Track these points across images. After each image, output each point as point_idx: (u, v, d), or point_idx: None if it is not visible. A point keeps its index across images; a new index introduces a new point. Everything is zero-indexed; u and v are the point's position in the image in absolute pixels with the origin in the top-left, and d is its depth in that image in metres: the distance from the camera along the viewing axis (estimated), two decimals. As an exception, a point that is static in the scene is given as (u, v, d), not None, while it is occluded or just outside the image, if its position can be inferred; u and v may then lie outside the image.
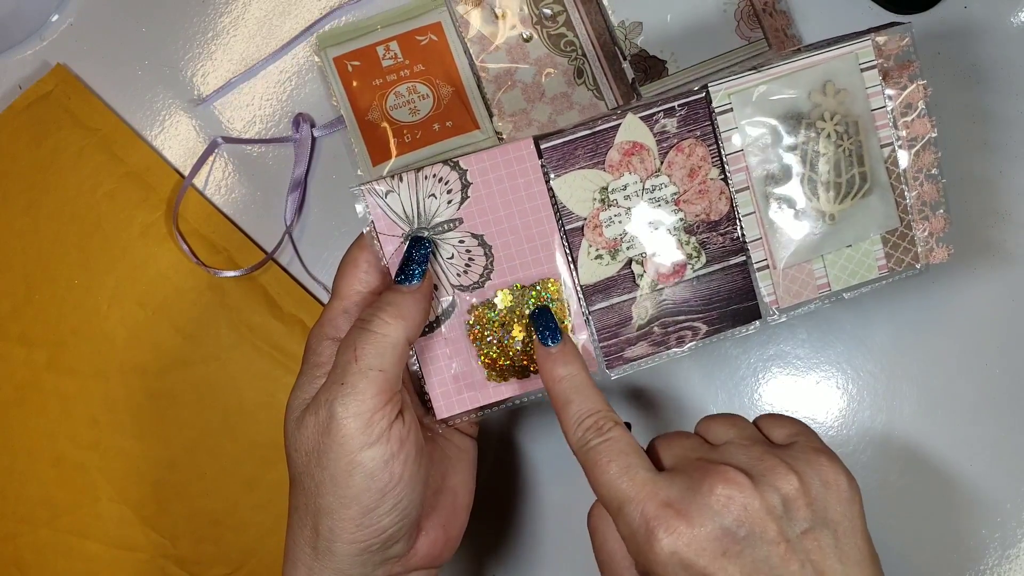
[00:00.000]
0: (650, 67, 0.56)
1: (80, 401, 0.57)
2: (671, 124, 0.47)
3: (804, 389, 0.57)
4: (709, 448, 0.43)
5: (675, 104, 0.46)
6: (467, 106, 0.56)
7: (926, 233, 0.49)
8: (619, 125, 0.46)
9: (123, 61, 0.58)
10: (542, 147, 0.46)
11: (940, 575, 0.56)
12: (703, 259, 0.48)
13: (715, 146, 0.47)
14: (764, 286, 0.48)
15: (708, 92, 0.47)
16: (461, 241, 0.46)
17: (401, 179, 0.45)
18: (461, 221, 0.46)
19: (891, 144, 0.48)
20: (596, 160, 0.47)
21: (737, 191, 0.47)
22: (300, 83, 0.58)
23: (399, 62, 0.56)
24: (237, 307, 0.57)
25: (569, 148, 0.46)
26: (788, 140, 0.47)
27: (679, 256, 0.47)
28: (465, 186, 0.46)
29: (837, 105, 0.47)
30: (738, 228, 0.48)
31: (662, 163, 0.47)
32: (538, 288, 0.47)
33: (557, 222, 0.47)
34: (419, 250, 0.44)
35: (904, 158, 0.48)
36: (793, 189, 0.47)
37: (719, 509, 0.39)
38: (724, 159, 0.47)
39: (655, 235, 0.47)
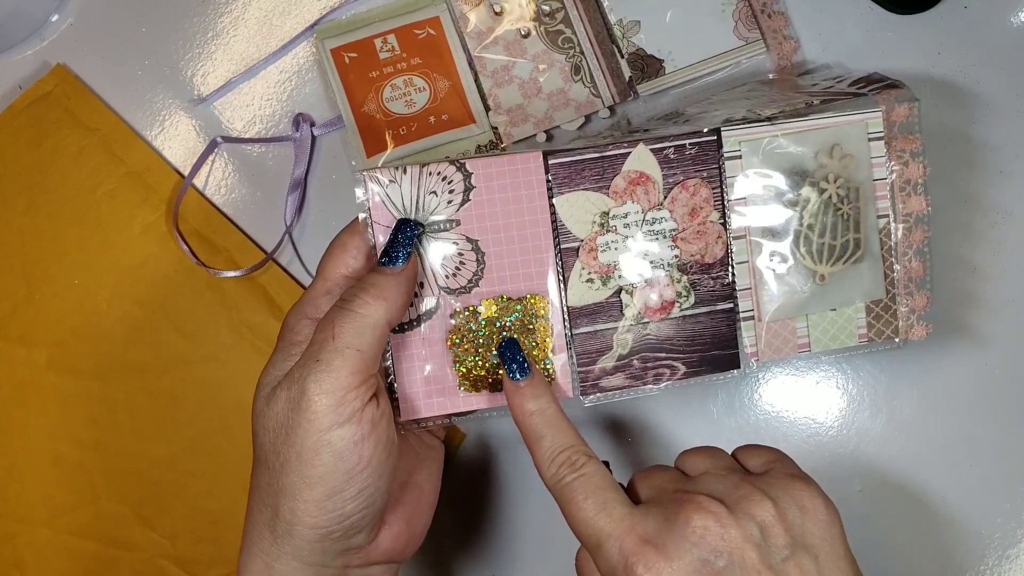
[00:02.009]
0: (647, 65, 0.56)
1: (80, 401, 0.57)
2: (680, 160, 0.47)
3: (804, 389, 0.57)
4: (686, 480, 0.43)
5: (686, 142, 0.47)
6: (463, 100, 0.56)
7: (907, 309, 0.50)
8: (629, 153, 0.47)
9: (123, 61, 0.58)
10: (550, 162, 0.46)
11: (940, 575, 0.56)
12: (692, 299, 0.48)
13: (719, 190, 0.48)
14: (747, 336, 0.48)
15: (720, 136, 0.47)
16: (455, 243, 0.46)
17: (405, 171, 0.45)
18: (458, 223, 0.46)
19: (887, 216, 0.49)
20: (601, 184, 0.47)
21: (734, 237, 0.48)
22: (300, 83, 0.58)
23: (396, 55, 0.56)
24: (237, 307, 0.57)
25: (576, 168, 0.47)
26: (790, 195, 0.48)
27: (669, 293, 0.48)
28: (468, 189, 0.46)
29: (842, 169, 0.48)
30: (730, 274, 0.48)
31: (665, 198, 0.47)
32: (525, 303, 0.46)
33: (554, 239, 0.47)
34: (406, 232, 0.44)
35: (897, 232, 0.49)
36: (788, 244, 0.48)
37: (696, 540, 0.39)
38: (726, 204, 0.48)
39: (648, 268, 0.47)
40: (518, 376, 0.44)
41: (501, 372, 0.45)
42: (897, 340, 0.50)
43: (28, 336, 0.57)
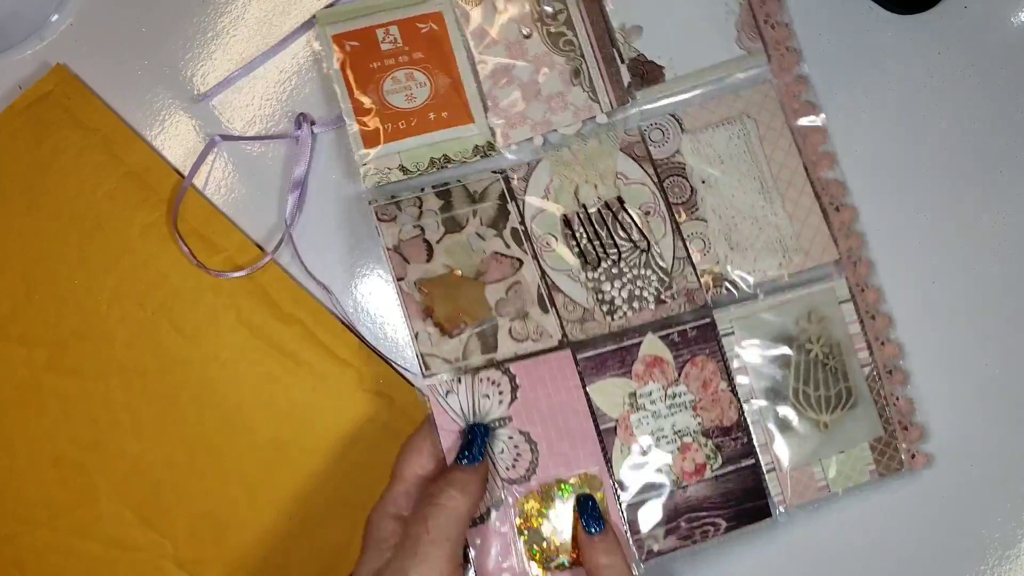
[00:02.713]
0: (647, 72, 0.56)
1: (80, 401, 0.57)
2: (685, 343, 0.54)
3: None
4: None
5: (687, 327, 0.54)
6: (463, 98, 0.56)
7: (905, 443, 0.55)
8: (641, 342, 0.54)
9: (123, 61, 0.58)
10: (579, 357, 0.53)
11: (940, 574, 0.56)
12: (719, 460, 0.54)
13: (723, 362, 0.54)
14: (772, 486, 0.54)
15: (714, 318, 0.54)
16: (510, 437, 0.52)
17: (460, 380, 0.52)
18: (510, 419, 0.52)
19: (870, 364, 0.55)
20: (624, 370, 0.54)
21: (744, 401, 0.54)
22: (300, 83, 0.58)
23: (398, 47, 0.56)
24: (237, 307, 0.57)
25: (602, 359, 0.54)
26: (783, 359, 0.55)
27: (699, 457, 0.54)
28: (514, 388, 0.52)
29: (821, 330, 0.55)
30: (747, 434, 0.54)
31: (680, 374, 0.54)
32: (579, 483, 0.52)
33: (594, 423, 0.53)
34: (480, 434, 0.50)
35: (880, 377, 0.55)
36: (790, 401, 0.55)
37: None
38: (731, 373, 0.54)
39: (678, 437, 0.53)
40: (593, 530, 0.49)
41: (577, 527, 0.50)
42: (902, 471, 0.55)
43: (28, 336, 0.57)
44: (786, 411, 0.54)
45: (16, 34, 0.58)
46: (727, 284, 0.55)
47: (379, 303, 0.57)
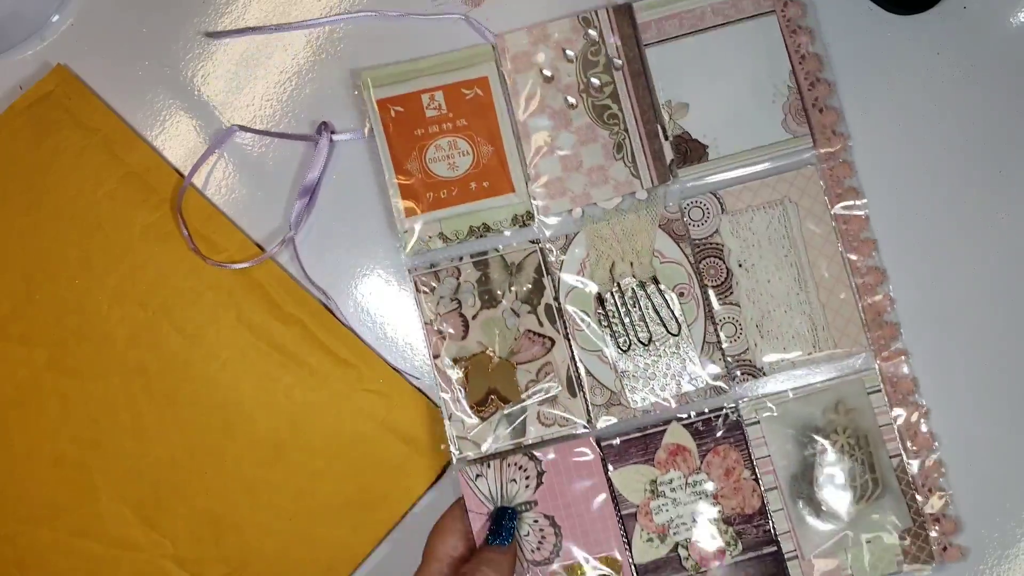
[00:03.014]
0: (690, 150, 0.56)
1: (80, 401, 0.57)
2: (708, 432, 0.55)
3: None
4: None
5: (711, 416, 0.55)
6: (505, 168, 0.56)
7: (937, 534, 0.54)
8: (665, 430, 0.55)
9: (123, 61, 0.58)
10: (603, 444, 0.55)
11: (940, 574, 0.56)
12: (739, 547, 0.54)
13: (746, 451, 0.55)
14: (795, 574, 0.54)
15: (739, 408, 0.55)
16: (535, 521, 0.54)
17: (488, 465, 0.54)
18: (536, 503, 0.54)
19: (899, 455, 0.55)
20: (647, 457, 0.55)
21: (767, 490, 0.55)
22: (300, 83, 0.58)
23: (442, 114, 0.56)
24: (237, 307, 0.57)
25: (625, 447, 0.55)
26: (807, 449, 0.55)
27: (719, 543, 0.54)
28: (540, 473, 0.54)
29: (848, 422, 0.55)
30: (769, 522, 0.55)
31: (702, 463, 0.55)
32: (600, 565, 0.54)
33: (615, 507, 0.54)
34: (510, 517, 0.53)
35: (912, 467, 0.55)
36: (814, 490, 0.54)
37: None
38: (754, 463, 0.55)
39: (698, 524, 0.54)
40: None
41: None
42: (933, 564, 0.55)
43: (28, 336, 0.57)
44: (810, 500, 0.54)
45: (17, 34, 0.58)
46: (755, 372, 0.55)
47: (379, 304, 0.57)
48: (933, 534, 0.54)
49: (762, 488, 0.55)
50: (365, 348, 0.57)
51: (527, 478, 0.54)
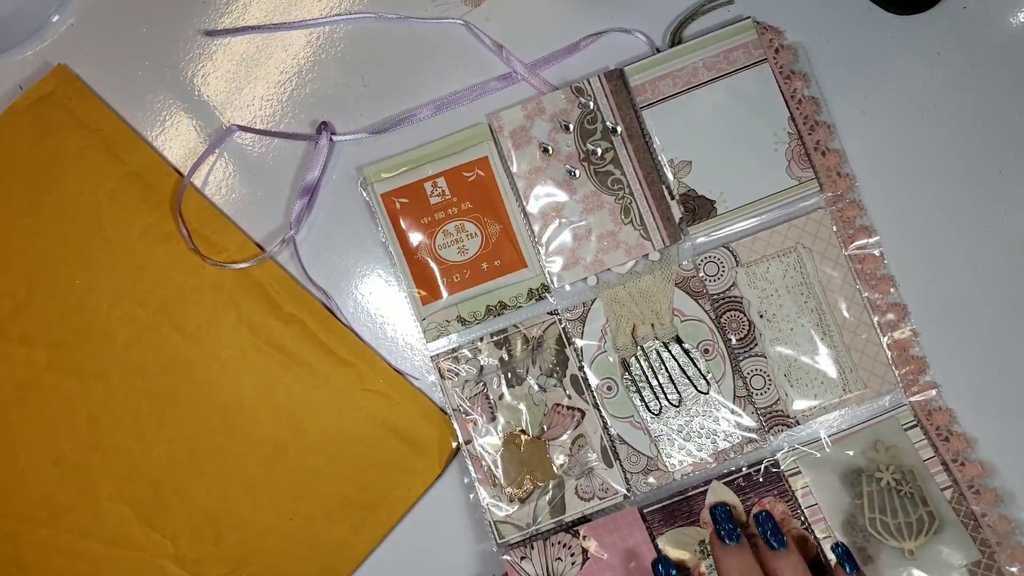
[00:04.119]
0: (698, 206, 0.56)
1: (80, 401, 0.57)
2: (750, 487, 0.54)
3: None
4: None
5: (751, 470, 0.54)
6: (515, 244, 0.56)
7: (1007, 564, 0.53)
8: (707, 489, 0.54)
9: (123, 61, 0.58)
10: (645, 512, 0.54)
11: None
12: None
13: (794, 500, 0.54)
14: None
15: (777, 460, 0.54)
16: None
17: (532, 546, 0.54)
18: None
19: (951, 486, 0.54)
20: (692, 519, 0.54)
21: (822, 539, 0.54)
22: (300, 83, 0.58)
23: (447, 199, 0.56)
24: (237, 307, 0.57)
25: (669, 511, 0.54)
26: (854, 491, 0.54)
27: None
28: (584, 550, 0.53)
29: (891, 459, 0.54)
30: (827, 569, 0.53)
31: (748, 517, 0.54)
32: None
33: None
34: None
35: (966, 498, 0.54)
36: (868, 532, 0.54)
37: None
38: (803, 512, 0.54)
39: None
40: (775, 544, 0.51)
41: (759, 543, 0.52)
42: None
43: (29, 336, 0.57)
44: (866, 542, 0.53)
45: (17, 34, 0.58)
46: (788, 422, 0.55)
47: (379, 304, 0.57)
48: (1004, 566, 0.53)
49: (815, 537, 0.54)
50: (365, 348, 0.57)
51: (572, 555, 0.54)
